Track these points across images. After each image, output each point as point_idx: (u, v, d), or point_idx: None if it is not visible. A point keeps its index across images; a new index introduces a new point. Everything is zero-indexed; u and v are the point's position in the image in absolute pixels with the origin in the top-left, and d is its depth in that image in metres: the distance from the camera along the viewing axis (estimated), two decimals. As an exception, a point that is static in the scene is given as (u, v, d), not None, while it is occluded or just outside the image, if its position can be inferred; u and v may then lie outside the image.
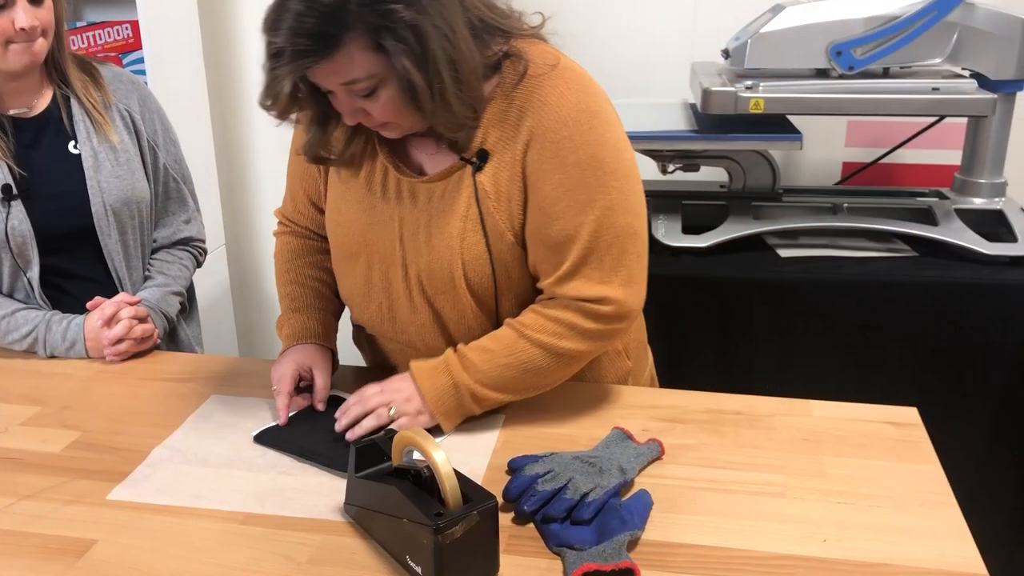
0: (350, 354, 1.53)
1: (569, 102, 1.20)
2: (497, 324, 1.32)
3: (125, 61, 2.34)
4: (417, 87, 1.12)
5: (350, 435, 1.25)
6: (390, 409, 1.25)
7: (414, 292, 1.31)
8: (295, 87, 1.14)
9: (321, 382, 1.35)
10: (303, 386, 1.38)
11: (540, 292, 1.30)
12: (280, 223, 1.53)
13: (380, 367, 1.48)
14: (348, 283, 1.40)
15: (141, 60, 2.32)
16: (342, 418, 1.27)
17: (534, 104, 1.21)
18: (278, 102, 1.14)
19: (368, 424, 1.25)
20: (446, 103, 1.15)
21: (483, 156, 1.24)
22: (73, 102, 1.61)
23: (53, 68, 1.61)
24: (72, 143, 1.61)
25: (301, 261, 1.48)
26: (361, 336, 1.49)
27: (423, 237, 1.28)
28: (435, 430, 1.28)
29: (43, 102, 1.61)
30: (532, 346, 1.26)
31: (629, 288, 1.25)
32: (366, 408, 1.27)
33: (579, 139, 1.20)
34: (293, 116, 1.22)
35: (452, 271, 1.27)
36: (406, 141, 1.31)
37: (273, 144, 2.73)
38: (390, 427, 1.24)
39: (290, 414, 1.33)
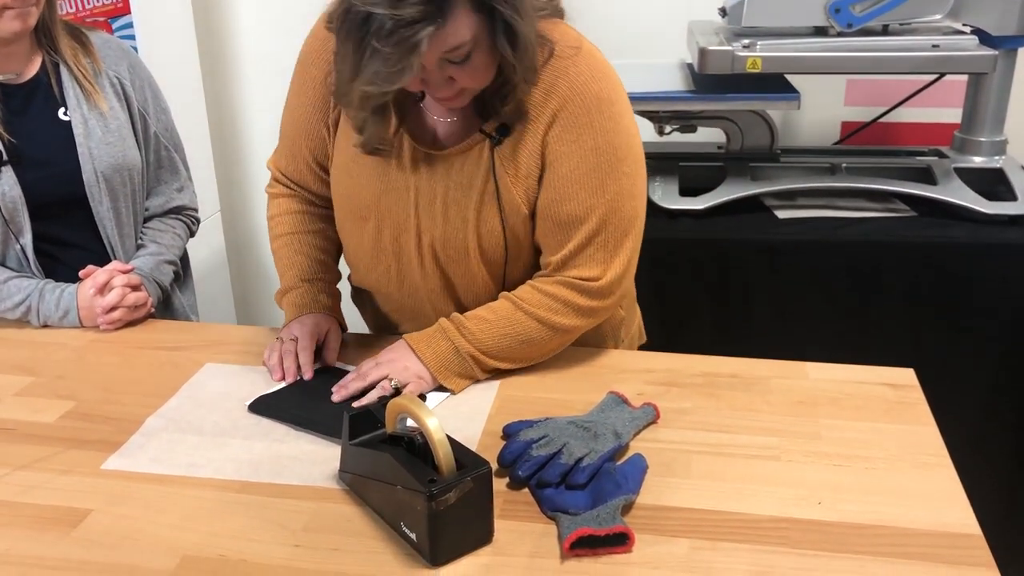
0: (348, 321, 1.52)
1: (593, 90, 1.24)
2: (503, 287, 1.35)
3: (114, 26, 2.31)
4: (519, 33, 1.14)
5: (354, 405, 1.24)
6: (392, 381, 1.24)
7: (426, 258, 1.34)
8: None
9: (334, 343, 1.38)
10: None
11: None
12: (275, 180, 1.50)
13: (379, 327, 1.51)
14: (354, 244, 1.41)
15: (130, 25, 2.29)
16: (339, 391, 1.27)
17: (560, 87, 1.24)
18: (403, 73, 1.08)
19: (372, 396, 1.25)
20: (530, 48, 1.17)
21: (503, 131, 1.26)
22: (63, 69, 1.60)
23: (43, 34, 1.59)
24: (62, 110, 1.59)
25: (306, 231, 1.47)
26: (363, 295, 1.50)
27: (439, 208, 1.30)
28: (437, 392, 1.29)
29: (32, 68, 1.59)
30: (529, 319, 1.29)
31: (628, 269, 1.32)
32: (365, 382, 1.27)
33: (599, 126, 1.25)
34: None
35: (467, 243, 1.31)
36: (420, 109, 1.31)
37: (266, 110, 2.70)
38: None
39: (284, 384, 1.33)
